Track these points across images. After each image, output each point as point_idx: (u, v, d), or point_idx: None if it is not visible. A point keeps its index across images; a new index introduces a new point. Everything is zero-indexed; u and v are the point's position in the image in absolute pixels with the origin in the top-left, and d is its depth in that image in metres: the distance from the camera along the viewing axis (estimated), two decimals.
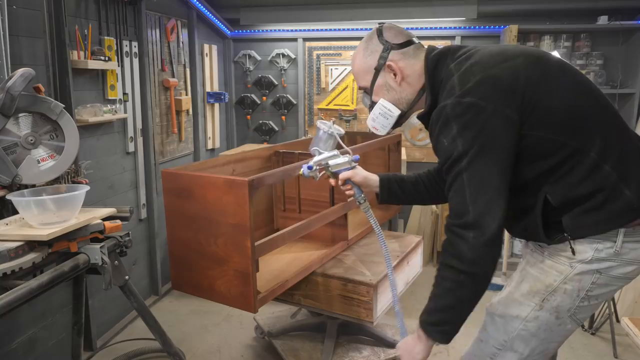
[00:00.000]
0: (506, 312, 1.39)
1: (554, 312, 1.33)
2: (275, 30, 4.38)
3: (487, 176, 1.20)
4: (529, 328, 1.36)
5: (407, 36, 1.43)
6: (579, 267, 1.29)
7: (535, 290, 1.35)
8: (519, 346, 1.37)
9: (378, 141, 2.91)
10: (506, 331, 1.39)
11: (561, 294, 1.32)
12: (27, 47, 2.28)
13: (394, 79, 1.42)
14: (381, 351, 2.57)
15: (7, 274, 1.59)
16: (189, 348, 2.84)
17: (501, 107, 1.20)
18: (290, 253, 2.55)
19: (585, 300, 1.32)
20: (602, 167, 1.24)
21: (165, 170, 2.14)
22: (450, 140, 1.22)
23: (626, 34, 3.75)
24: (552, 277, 1.33)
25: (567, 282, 1.31)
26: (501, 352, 1.40)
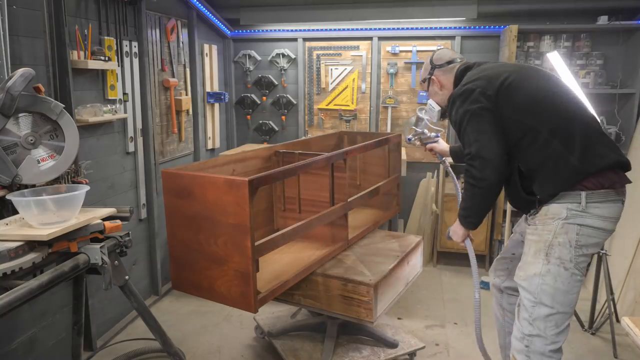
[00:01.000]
0: (526, 275, 1.83)
1: (560, 263, 1.77)
2: (275, 30, 4.38)
3: (480, 127, 1.83)
4: (547, 282, 1.78)
5: (448, 58, 2.14)
6: (561, 222, 1.77)
7: (539, 248, 1.81)
8: (546, 300, 1.78)
9: (378, 141, 2.91)
10: (531, 290, 1.81)
11: (557, 246, 1.77)
12: (27, 47, 2.28)
13: (437, 87, 2.18)
14: (381, 351, 2.57)
15: (7, 274, 1.59)
16: (189, 348, 2.84)
17: (484, 89, 1.85)
18: (290, 253, 2.55)
19: (579, 249, 1.76)
20: (552, 141, 1.77)
21: (165, 170, 2.14)
22: (455, 111, 1.92)
23: (626, 34, 3.75)
24: (545, 235, 1.80)
25: (557, 236, 1.77)
26: (535, 308, 1.80)
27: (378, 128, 4.35)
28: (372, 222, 3.00)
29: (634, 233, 3.16)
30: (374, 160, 3.26)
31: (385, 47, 4.21)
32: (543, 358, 1.80)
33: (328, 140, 3.36)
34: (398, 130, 4.28)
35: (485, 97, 1.83)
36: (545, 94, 1.86)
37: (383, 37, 4.20)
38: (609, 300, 2.90)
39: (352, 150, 2.62)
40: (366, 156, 3.30)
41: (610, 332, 2.82)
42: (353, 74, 4.30)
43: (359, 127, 4.38)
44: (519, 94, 1.84)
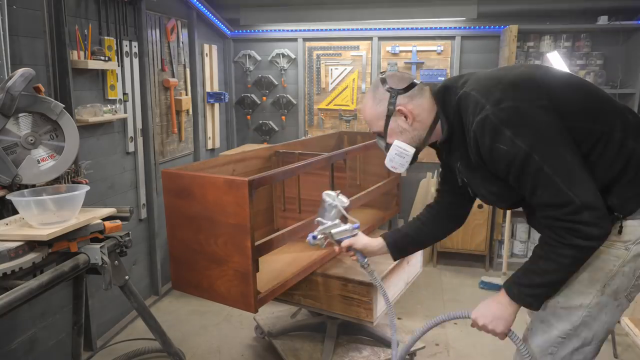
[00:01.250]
0: (569, 304, 1.43)
1: (613, 295, 1.40)
2: (275, 30, 4.38)
3: (565, 161, 1.29)
4: (591, 314, 1.41)
5: (408, 80, 1.53)
6: (633, 248, 1.36)
7: (597, 278, 1.40)
8: (582, 331, 1.43)
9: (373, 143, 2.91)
10: (570, 321, 1.43)
11: (620, 276, 1.38)
12: (27, 47, 2.28)
13: (405, 121, 1.52)
14: (381, 351, 2.57)
15: (7, 274, 1.59)
16: (189, 348, 2.83)
17: (534, 101, 1.31)
18: (290, 253, 2.55)
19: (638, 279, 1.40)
20: (627, 143, 1.34)
21: (165, 170, 2.14)
22: (510, 143, 1.29)
23: (626, 34, 3.75)
24: (611, 263, 1.38)
25: (625, 265, 1.37)
26: (565, 341, 1.44)
27: None
28: (372, 222, 3.00)
29: None
30: (374, 160, 3.26)
31: (385, 47, 4.21)
32: None
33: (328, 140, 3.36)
34: None
35: (544, 111, 1.30)
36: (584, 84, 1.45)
37: (383, 37, 4.20)
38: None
39: (352, 150, 2.62)
40: (366, 156, 3.31)
41: None
42: (353, 74, 4.30)
43: (359, 127, 4.38)
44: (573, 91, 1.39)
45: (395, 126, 1.54)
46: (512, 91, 1.33)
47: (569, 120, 1.32)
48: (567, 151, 1.29)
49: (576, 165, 1.29)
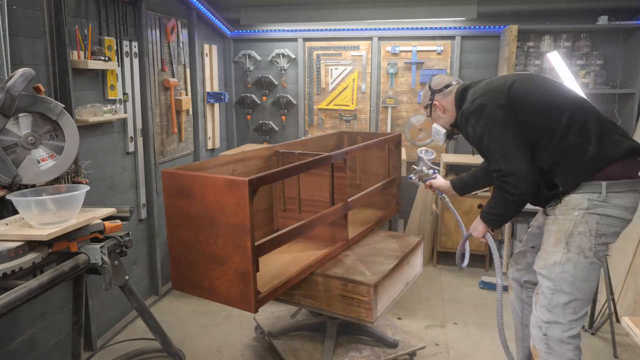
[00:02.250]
0: (546, 264, 1.90)
1: (580, 252, 1.83)
2: (275, 30, 4.38)
3: (503, 141, 1.87)
4: (567, 270, 1.84)
5: (446, 82, 2.20)
6: (582, 212, 1.83)
7: (559, 238, 1.87)
8: (566, 287, 1.85)
9: (378, 141, 2.91)
10: (551, 278, 1.87)
11: (577, 235, 1.83)
12: (27, 47, 2.28)
13: (440, 111, 2.23)
14: (381, 351, 2.57)
15: (7, 274, 1.59)
16: (189, 348, 2.84)
17: (496, 100, 1.91)
18: (290, 253, 2.55)
19: (599, 238, 1.83)
20: (568, 134, 1.83)
21: (165, 170, 2.14)
22: (472, 128, 1.95)
23: (626, 34, 3.75)
24: (566, 225, 1.86)
25: (577, 225, 1.83)
26: (554, 296, 1.86)
27: (378, 128, 4.35)
28: (372, 222, 3.00)
29: (634, 233, 3.16)
30: (374, 160, 3.26)
31: (385, 47, 4.21)
32: (562, 345, 1.86)
33: (328, 140, 3.36)
34: (398, 130, 4.27)
35: (501, 108, 1.88)
36: (553, 92, 1.94)
37: (383, 37, 4.20)
38: (609, 300, 2.90)
39: (352, 150, 2.62)
40: (366, 156, 3.31)
41: (610, 332, 2.82)
42: (353, 74, 4.30)
43: (359, 127, 4.38)
44: (528, 96, 1.90)
45: (434, 114, 2.26)
46: (485, 93, 1.95)
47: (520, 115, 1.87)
48: (508, 136, 1.86)
49: (511, 145, 1.85)
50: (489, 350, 2.81)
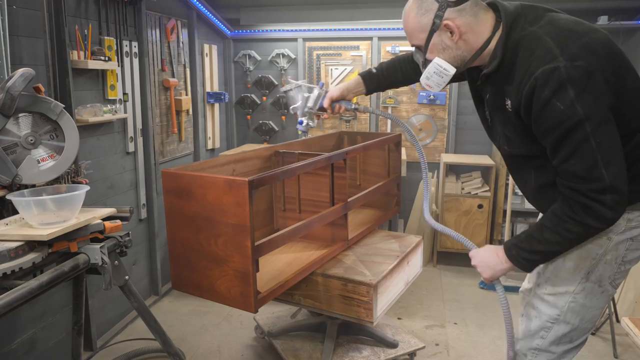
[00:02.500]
0: (556, 291, 1.51)
1: (597, 281, 1.47)
2: (275, 30, 4.38)
3: (612, 140, 1.26)
4: (577, 300, 1.48)
5: None
6: (615, 238, 1.41)
7: (581, 266, 1.46)
8: (570, 318, 1.50)
9: (378, 141, 2.91)
10: (557, 306, 1.51)
11: (603, 264, 1.44)
12: (27, 47, 2.28)
13: (451, 38, 1.40)
14: (381, 351, 2.57)
15: (7, 274, 1.59)
16: (189, 348, 2.84)
17: (606, 73, 1.25)
18: (290, 253, 2.55)
19: (622, 265, 1.46)
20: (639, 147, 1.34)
21: (165, 170, 2.14)
22: (569, 104, 1.23)
23: (626, 34, 3.75)
24: (594, 251, 1.44)
25: (607, 253, 1.43)
26: (554, 326, 1.52)
27: (378, 128, 4.35)
28: (372, 222, 3.00)
29: None
30: (374, 160, 3.26)
31: (385, 47, 4.21)
32: None
33: (328, 140, 3.36)
34: (398, 130, 4.28)
35: (610, 89, 1.26)
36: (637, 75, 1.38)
37: (383, 37, 4.20)
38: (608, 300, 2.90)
39: (352, 150, 2.62)
40: (366, 156, 3.30)
41: (610, 332, 2.82)
42: (353, 74, 4.30)
43: (359, 127, 4.38)
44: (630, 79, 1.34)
45: (438, 41, 1.43)
46: (589, 53, 1.25)
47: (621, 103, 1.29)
48: (615, 133, 1.27)
49: (619, 147, 1.27)
50: (489, 350, 2.81)
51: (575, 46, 1.26)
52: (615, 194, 1.26)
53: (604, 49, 1.28)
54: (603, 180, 1.25)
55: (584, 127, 1.24)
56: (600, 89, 1.24)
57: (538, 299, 1.55)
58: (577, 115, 1.23)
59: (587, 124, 1.23)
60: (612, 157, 1.25)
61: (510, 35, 1.36)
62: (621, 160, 1.27)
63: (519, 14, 1.38)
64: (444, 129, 4.24)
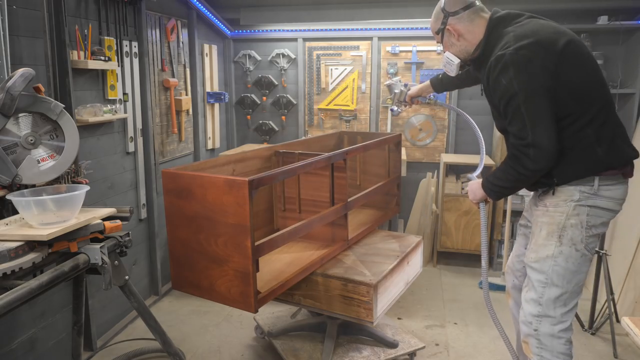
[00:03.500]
0: (538, 257, 1.84)
1: (572, 245, 1.79)
2: (275, 30, 4.38)
3: (538, 109, 1.67)
4: (559, 263, 1.80)
5: (462, 4, 1.88)
6: (573, 204, 1.78)
7: (551, 231, 1.82)
8: (557, 280, 1.81)
9: (378, 141, 2.91)
10: (543, 271, 1.83)
11: (569, 228, 1.79)
12: (27, 47, 2.28)
13: (454, 37, 1.92)
14: (381, 351, 2.57)
15: (7, 274, 1.59)
16: (189, 348, 2.84)
17: (545, 58, 1.68)
18: (290, 253, 2.55)
19: (589, 230, 1.79)
20: (587, 129, 1.73)
21: (165, 170, 2.14)
22: (507, 81, 1.68)
23: (626, 34, 3.75)
24: (558, 217, 1.80)
25: (570, 217, 1.79)
26: (546, 289, 1.82)
27: (378, 128, 4.35)
28: (372, 222, 3.00)
29: (634, 233, 3.16)
30: (374, 160, 3.26)
31: (385, 47, 4.21)
32: (553, 339, 1.82)
33: (328, 140, 3.36)
34: (398, 130, 4.28)
35: (547, 71, 1.67)
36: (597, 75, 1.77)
37: (383, 37, 4.20)
38: (609, 300, 2.90)
39: (352, 150, 2.62)
40: (366, 156, 3.31)
41: (610, 332, 2.82)
42: (353, 74, 4.30)
43: (359, 127, 4.38)
44: (578, 69, 1.72)
45: (447, 40, 1.96)
46: (534, 45, 1.67)
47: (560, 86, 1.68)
48: (545, 104, 1.67)
49: (546, 116, 1.67)
50: (489, 350, 2.81)
51: (527, 41, 1.69)
52: (537, 149, 1.67)
53: (553, 45, 1.69)
54: (527, 138, 1.68)
55: (518, 98, 1.68)
56: (535, 72, 1.66)
57: (529, 269, 1.88)
58: (513, 89, 1.68)
59: (520, 96, 1.67)
60: (537, 122, 1.66)
61: (491, 34, 1.83)
62: (547, 125, 1.67)
63: (503, 18, 1.84)
64: (444, 129, 4.24)
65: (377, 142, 2.90)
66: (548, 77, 1.67)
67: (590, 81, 1.74)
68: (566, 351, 1.82)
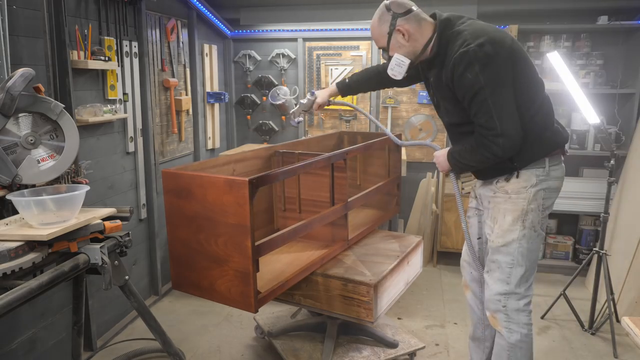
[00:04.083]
0: (505, 241, 1.99)
1: (532, 227, 1.97)
2: (275, 30, 4.38)
3: (503, 100, 1.80)
4: (523, 245, 1.97)
5: (408, 6, 1.96)
6: (532, 190, 1.95)
7: (516, 217, 1.97)
8: (522, 261, 1.98)
9: (378, 141, 2.91)
10: (510, 253, 1.99)
11: (530, 212, 1.96)
12: (27, 47, 2.28)
13: (404, 38, 1.95)
14: (381, 351, 2.57)
15: (7, 274, 1.59)
16: (189, 348, 2.84)
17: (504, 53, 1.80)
18: (290, 253, 2.55)
19: (544, 211, 1.99)
20: (537, 115, 1.91)
21: (165, 170, 2.14)
22: (473, 75, 1.78)
23: (626, 34, 3.75)
24: (521, 203, 1.96)
25: (530, 203, 1.95)
26: (513, 270, 1.99)
27: (378, 128, 4.34)
28: (372, 222, 3.00)
29: (634, 233, 3.16)
30: (374, 160, 3.26)
31: None
32: (519, 313, 2.00)
33: (328, 140, 3.36)
34: (398, 130, 4.28)
35: (509, 63, 1.81)
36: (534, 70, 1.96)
37: None
38: (609, 300, 2.90)
39: (352, 150, 2.62)
40: (366, 156, 3.31)
41: (610, 332, 2.82)
42: None
43: (359, 127, 4.38)
44: (523, 65, 1.88)
45: (395, 42, 1.97)
46: (493, 42, 1.79)
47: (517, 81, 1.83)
48: (509, 95, 1.81)
49: (511, 106, 1.81)
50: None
51: (484, 38, 1.80)
52: (506, 139, 1.80)
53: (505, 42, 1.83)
54: (496, 129, 1.79)
55: (485, 91, 1.78)
56: (499, 66, 1.78)
57: (496, 253, 2.02)
58: (480, 83, 1.78)
59: (486, 89, 1.78)
60: (504, 113, 1.79)
61: (443, 34, 1.92)
62: (513, 115, 1.80)
63: (450, 19, 1.95)
64: (444, 129, 4.23)
65: (377, 142, 2.90)
66: (509, 70, 1.81)
67: (533, 74, 1.93)
68: (528, 321, 2.02)
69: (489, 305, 2.05)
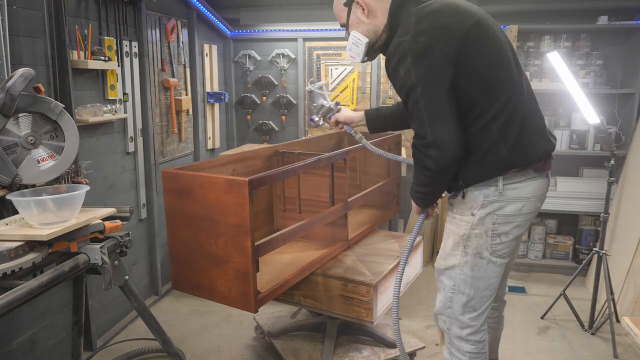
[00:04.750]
0: (447, 264, 1.77)
1: (477, 254, 1.70)
2: (275, 30, 4.38)
3: (438, 103, 1.51)
4: (465, 272, 1.73)
5: None
6: (478, 213, 1.66)
7: (457, 241, 1.73)
8: (464, 288, 1.74)
9: (378, 141, 2.91)
10: (452, 278, 1.76)
11: (474, 237, 1.69)
12: (27, 47, 2.28)
13: (363, 13, 1.72)
14: (381, 351, 2.57)
15: (7, 274, 1.59)
16: (189, 348, 2.84)
17: (445, 45, 1.50)
18: (290, 253, 2.55)
19: (496, 237, 1.67)
20: (491, 126, 1.57)
21: (165, 170, 2.14)
22: (405, 70, 1.52)
23: (626, 34, 3.75)
24: (463, 228, 1.70)
25: (474, 228, 1.68)
26: (454, 295, 1.76)
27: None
28: (372, 222, 3.00)
29: (634, 233, 3.17)
30: (374, 160, 3.26)
31: None
32: (461, 341, 1.78)
33: (328, 140, 3.36)
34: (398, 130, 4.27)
35: (447, 58, 1.50)
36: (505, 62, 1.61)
37: None
38: (609, 300, 2.90)
39: (352, 150, 2.62)
40: (366, 156, 3.31)
41: (610, 332, 2.82)
42: (353, 74, 4.30)
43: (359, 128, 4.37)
44: (480, 56, 1.56)
45: (354, 18, 1.75)
46: (435, 31, 1.51)
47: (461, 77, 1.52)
48: (444, 97, 1.51)
49: (445, 110, 1.51)
50: None
51: (426, 24, 1.52)
52: (438, 150, 1.51)
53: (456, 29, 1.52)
54: (427, 138, 1.52)
55: (416, 90, 1.51)
56: (435, 60, 1.49)
57: (440, 274, 1.82)
58: (411, 80, 1.51)
59: (418, 88, 1.50)
60: (436, 118, 1.50)
61: (396, 14, 1.64)
62: (447, 121, 1.50)
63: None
64: None
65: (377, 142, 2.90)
66: (449, 66, 1.50)
67: (496, 69, 1.57)
68: (473, 350, 1.78)
69: (437, 320, 1.88)
